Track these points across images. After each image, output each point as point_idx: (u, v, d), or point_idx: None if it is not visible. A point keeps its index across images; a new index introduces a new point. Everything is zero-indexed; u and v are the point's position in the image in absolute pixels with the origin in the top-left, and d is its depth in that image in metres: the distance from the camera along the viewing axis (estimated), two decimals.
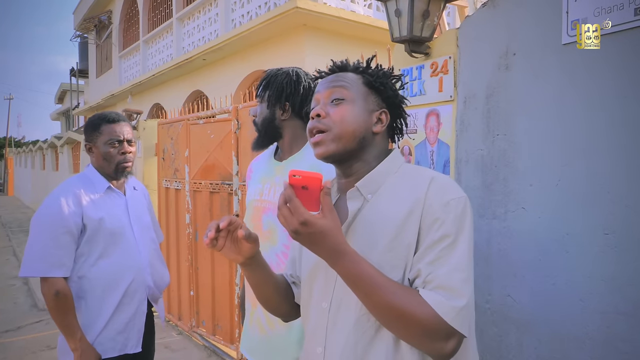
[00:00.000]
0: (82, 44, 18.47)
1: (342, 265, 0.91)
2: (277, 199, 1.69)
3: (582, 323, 1.37)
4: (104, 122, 1.98)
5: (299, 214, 0.88)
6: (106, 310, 1.90)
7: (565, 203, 1.42)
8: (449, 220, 0.93)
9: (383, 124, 1.10)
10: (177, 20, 10.69)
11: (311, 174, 0.89)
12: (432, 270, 0.90)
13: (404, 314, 0.87)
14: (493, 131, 1.65)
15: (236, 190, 3.65)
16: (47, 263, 1.80)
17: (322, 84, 1.13)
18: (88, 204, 1.91)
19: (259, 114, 1.74)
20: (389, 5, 1.85)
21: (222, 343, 4.01)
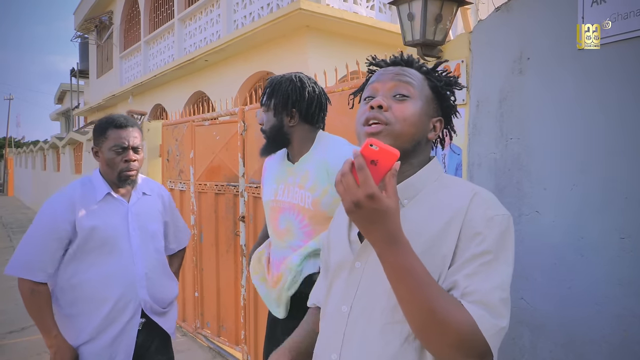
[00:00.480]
0: (83, 45, 18.48)
1: (394, 253, 0.83)
2: (291, 199, 1.73)
3: (598, 326, 1.38)
4: (111, 127, 1.91)
5: (368, 185, 0.80)
6: (93, 321, 1.85)
7: (581, 207, 1.43)
8: (491, 236, 0.89)
9: (436, 132, 1.06)
10: (179, 21, 10.70)
11: (389, 148, 0.82)
12: (470, 283, 0.86)
13: (444, 320, 0.82)
14: (506, 135, 1.66)
15: (242, 192, 3.66)
16: (29, 266, 1.81)
17: (383, 74, 1.06)
18: (82, 211, 1.86)
19: (265, 122, 1.77)
20: (402, 9, 1.85)
21: (227, 344, 4.02)
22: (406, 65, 1.08)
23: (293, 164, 1.78)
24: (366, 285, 0.99)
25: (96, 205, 1.90)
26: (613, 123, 1.37)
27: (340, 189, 0.83)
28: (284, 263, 1.72)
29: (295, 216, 1.72)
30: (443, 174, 1.05)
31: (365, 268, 1.00)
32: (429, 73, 1.07)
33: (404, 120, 0.98)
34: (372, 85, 1.05)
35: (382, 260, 0.85)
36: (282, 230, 1.76)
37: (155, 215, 2.10)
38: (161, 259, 2.08)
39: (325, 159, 1.69)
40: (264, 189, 1.91)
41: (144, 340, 2.00)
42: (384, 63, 1.11)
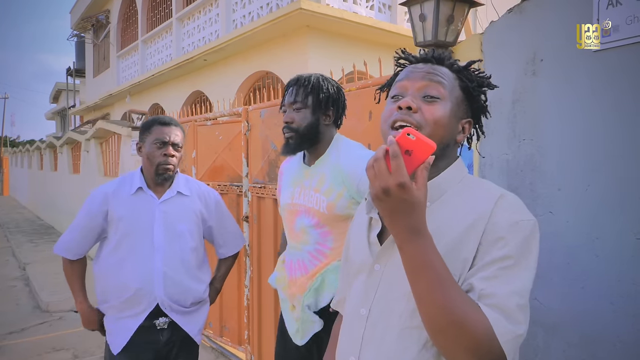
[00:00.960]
0: (79, 43, 18.39)
1: (416, 246, 0.81)
2: (307, 202, 1.73)
3: (613, 326, 1.39)
4: (156, 123, 2.03)
5: (400, 174, 0.78)
6: (115, 303, 2.00)
7: (595, 208, 1.44)
8: (514, 241, 0.87)
9: (465, 133, 1.02)
10: (177, 20, 10.67)
11: (427, 140, 0.80)
12: (487, 286, 0.83)
13: (460, 322, 0.79)
14: (519, 136, 1.66)
15: (246, 192, 3.66)
16: (68, 249, 2.09)
17: (413, 71, 1.01)
18: (114, 203, 2.02)
19: (300, 120, 1.72)
20: (413, 9, 1.86)
21: (229, 345, 4.01)
22: (437, 63, 1.03)
23: (309, 166, 1.79)
24: (385, 288, 0.97)
25: (128, 198, 2.03)
26: (627, 124, 1.38)
27: (370, 174, 0.81)
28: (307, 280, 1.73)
29: (310, 219, 1.72)
30: (467, 175, 1.03)
31: (384, 271, 0.99)
32: (460, 72, 1.03)
33: (434, 123, 0.95)
34: (400, 83, 1.01)
35: (403, 252, 0.83)
36: (298, 233, 1.77)
37: (188, 216, 2.10)
38: (186, 259, 2.06)
39: (339, 163, 1.69)
40: (281, 192, 1.91)
41: (168, 341, 2.03)
42: (413, 59, 1.07)
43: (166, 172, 2.02)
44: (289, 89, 1.77)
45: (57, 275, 6.79)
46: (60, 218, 11.07)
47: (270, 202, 3.40)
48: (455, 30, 1.82)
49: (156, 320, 1.99)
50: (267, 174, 3.43)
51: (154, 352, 2.01)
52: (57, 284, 6.28)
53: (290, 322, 1.83)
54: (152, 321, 1.99)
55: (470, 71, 1.04)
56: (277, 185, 3.23)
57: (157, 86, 11.68)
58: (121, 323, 1.99)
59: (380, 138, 2.31)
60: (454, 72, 1.02)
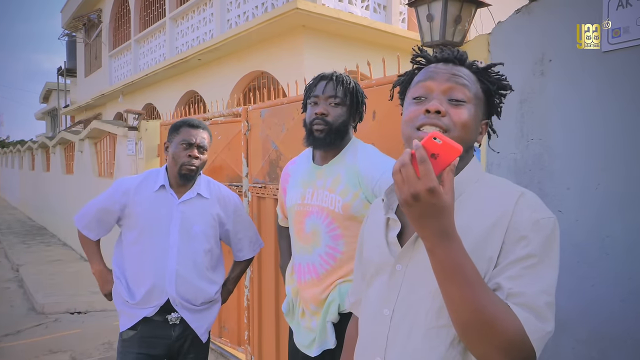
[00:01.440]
0: (70, 43, 18.25)
1: (446, 249, 0.81)
2: (320, 202, 1.73)
3: (623, 323, 1.41)
4: (185, 125, 2.11)
5: (429, 179, 0.77)
6: (124, 282, 2.09)
7: (605, 206, 1.46)
8: (537, 239, 0.88)
9: (482, 134, 1.04)
10: (170, 20, 10.63)
11: (453, 143, 0.80)
12: (515, 285, 0.85)
13: (492, 321, 0.80)
14: (527, 135, 1.68)
15: (246, 192, 3.65)
16: (86, 226, 2.18)
17: (437, 72, 1.00)
18: (135, 198, 2.08)
19: (335, 116, 1.72)
20: (420, 10, 1.87)
21: (229, 345, 4.01)
22: (459, 62, 1.02)
23: (321, 166, 1.78)
24: (408, 288, 0.98)
25: (149, 195, 2.08)
26: (636, 123, 1.40)
27: (398, 178, 0.80)
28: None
29: (323, 219, 1.71)
30: (484, 174, 1.04)
31: (406, 271, 0.99)
32: (481, 74, 1.03)
33: (461, 127, 0.96)
34: (424, 83, 1.01)
35: (433, 256, 0.83)
36: (309, 234, 1.75)
37: (205, 218, 2.13)
38: (199, 260, 2.10)
39: (356, 165, 1.70)
40: (288, 193, 1.89)
41: (180, 336, 2.08)
42: (434, 58, 1.05)
43: (189, 172, 2.07)
44: (323, 83, 1.75)
45: (52, 277, 6.74)
46: (53, 219, 10.97)
47: (270, 202, 3.39)
48: (462, 30, 1.83)
49: (168, 316, 2.05)
50: (267, 174, 3.42)
51: (166, 347, 2.06)
52: (53, 286, 6.24)
53: (304, 333, 1.82)
54: (165, 316, 2.04)
55: (490, 73, 1.04)
56: (278, 185, 3.25)
57: (151, 86, 11.63)
58: (131, 308, 2.06)
59: (383, 137, 2.32)
60: (474, 74, 1.02)
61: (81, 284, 6.29)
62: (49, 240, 10.16)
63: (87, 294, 5.81)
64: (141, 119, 5.26)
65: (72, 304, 5.54)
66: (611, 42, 1.42)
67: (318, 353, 1.75)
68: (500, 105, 1.07)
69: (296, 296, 1.87)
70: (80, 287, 6.12)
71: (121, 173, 6.01)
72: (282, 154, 3.20)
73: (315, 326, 1.76)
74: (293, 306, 1.90)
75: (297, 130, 2.97)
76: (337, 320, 1.72)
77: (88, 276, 6.50)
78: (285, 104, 3.17)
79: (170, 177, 2.12)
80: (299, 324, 1.86)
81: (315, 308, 1.77)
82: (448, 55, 1.03)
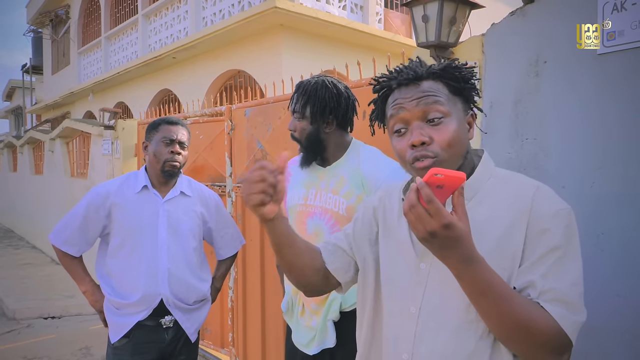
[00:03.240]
0: (36, 39, 17.66)
1: (473, 272, 0.84)
2: (324, 204, 1.72)
3: (621, 317, 1.45)
4: (163, 123, 2.08)
5: (442, 216, 0.79)
6: (114, 297, 2.02)
7: (601, 204, 1.50)
8: (559, 231, 0.90)
9: (472, 127, 1.04)
10: (143, 17, 10.42)
11: (454, 172, 0.81)
12: (547, 282, 0.88)
13: (529, 326, 0.84)
14: (522, 135, 1.71)
15: (230, 192, 3.61)
16: (65, 239, 2.06)
17: (404, 102, 0.99)
18: (117, 201, 2.02)
19: (300, 131, 1.73)
20: (415, 10, 1.89)
21: (212, 347, 3.96)
22: (417, 80, 1.00)
23: (324, 167, 1.77)
24: (434, 286, 0.99)
25: (132, 197, 2.04)
26: (631, 124, 1.44)
27: (411, 218, 0.82)
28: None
29: (326, 221, 1.71)
30: (496, 169, 1.05)
31: (431, 270, 1.00)
32: (443, 77, 1.01)
33: (449, 146, 0.96)
34: (397, 117, 1.00)
35: (461, 280, 0.86)
36: (311, 235, 1.74)
37: (190, 216, 2.12)
38: (189, 258, 2.09)
39: (360, 168, 1.69)
40: (289, 193, 1.87)
41: (173, 339, 2.06)
42: (395, 84, 1.03)
43: (172, 169, 2.05)
44: (293, 96, 1.76)
45: (22, 281, 6.52)
46: (21, 221, 10.62)
47: None
48: (456, 32, 1.86)
49: (162, 319, 2.02)
50: None
51: (159, 351, 2.03)
52: (24, 290, 6.04)
53: (303, 331, 1.81)
54: (158, 320, 2.01)
55: (449, 70, 1.02)
56: None
57: (123, 84, 11.39)
58: (121, 317, 2.01)
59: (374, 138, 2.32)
60: (438, 79, 1.01)
61: (54, 287, 6.11)
62: (17, 243, 9.82)
63: (62, 298, 5.64)
64: (117, 117, 5.14)
65: (46, 309, 5.36)
66: (606, 45, 1.46)
67: (317, 351, 1.75)
68: (473, 97, 1.06)
69: (296, 294, 1.87)
70: (54, 291, 5.94)
71: (96, 173, 5.86)
72: (268, 153, 3.18)
73: (315, 324, 1.76)
74: (292, 304, 1.89)
75: (283, 129, 2.95)
76: (337, 318, 1.72)
77: (61, 280, 6.32)
78: (272, 103, 3.14)
79: (151, 177, 2.09)
80: (299, 323, 1.85)
81: (315, 307, 1.76)
82: (406, 77, 1.01)
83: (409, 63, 1.06)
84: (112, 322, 2.03)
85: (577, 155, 1.57)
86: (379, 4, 8.55)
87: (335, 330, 1.72)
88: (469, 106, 1.06)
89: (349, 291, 1.67)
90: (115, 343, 2.01)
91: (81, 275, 2.10)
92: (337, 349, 1.72)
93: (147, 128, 2.12)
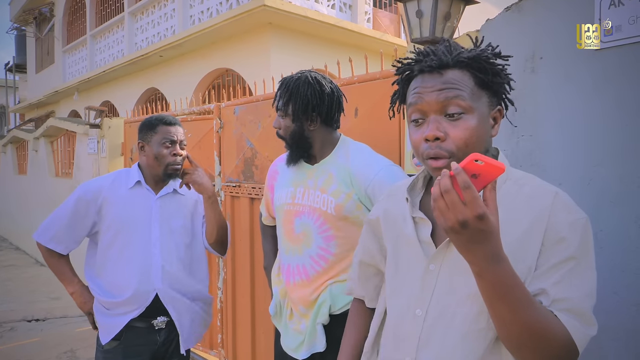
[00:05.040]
0: (20, 37, 17.38)
1: (496, 272, 0.78)
2: (312, 202, 1.68)
3: (617, 314, 1.44)
4: (161, 123, 2.02)
5: (478, 205, 0.73)
6: (104, 297, 1.97)
7: (598, 201, 1.48)
8: (576, 241, 0.88)
9: (498, 122, 1.00)
10: (129, 15, 10.30)
11: (494, 162, 0.76)
12: (560, 291, 0.85)
13: (543, 336, 0.82)
14: (518, 132, 1.69)
15: (218, 191, 3.56)
16: (53, 239, 2.01)
17: (424, 91, 0.94)
18: (109, 198, 2.00)
19: (284, 129, 1.70)
20: (409, 5, 1.86)
21: (200, 349, 3.90)
22: (441, 68, 0.94)
23: (312, 165, 1.73)
24: (443, 289, 0.96)
25: (124, 193, 2.02)
26: (628, 120, 1.43)
27: (441, 205, 0.75)
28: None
29: (314, 220, 1.66)
30: (511, 170, 1.02)
31: (440, 272, 0.97)
32: (470, 66, 0.94)
33: (465, 145, 0.92)
34: (415, 106, 0.96)
35: (481, 279, 0.80)
36: (299, 235, 1.70)
37: (183, 213, 2.10)
38: (182, 255, 2.06)
39: (348, 166, 1.65)
40: (276, 192, 1.84)
41: (165, 340, 2.02)
42: (417, 70, 0.97)
43: (175, 172, 2.02)
44: (277, 93, 1.72)
45: (5, 283, 6.39)
46: (4, 222, 10.44)
47: (245, 202, 3.32)
48: (451, 27, 1.84)
49: (154, 321, 1.97)
50: (242, 173, 3.34)
51: (151, 353, 1.99)
52: (7, 292, 5.91)
53: (292, 335, 1.77)
54: (150, 322, 1.97)
55: (480, 59, 0.96)
56: (253, 184, 3.19)
57: (108, 83, 11.25)
58: (112, 318, 1.96)
59: (366, 134, 2.29)
60: (464, 69, 0.95)
61: (38, 289, 5.99)
62: (0, 245, 9.64)
63: (46, 300, 5.54)
64: (103, 116, 5.05)
65: (29, 311, 5.26)
66: (603, 40, 1.44)
67: (306, 356, 1.70)
68: (505, 92, 1.01)
69: (284, 297, 1.82)
70: (38, 293, 5.83)
71: (81, 173, 5.76)
72: (258, 152, 3.14)
73: (304, 328, 1.72)
74: (280, 308, 1.85)
75: (273, 128, 2.91)
76: (327, 322, 1.68)
77: (46, 281, 6.20)
78: (261, 101, 3.10)
79: (146, 175, 2.06)
80: (287, 326, 1.81)
81: (304, 310, 1.72)
82: (429, 65, 0.95)
83: (437, 46, 1.00)
84: (103, 323, 1.98)
85: (574, 152, 1.55)
86: (368, 3, 8.54)
87: (325, 333, 1.68)
88: (498, 100, 1.00)
89: (339, 294, 1.65)
90: (106, 346, 1.96)
91: (68, 276, 2.05)
92: (327, 353, 1.68)
93: (140, 127, 2.07)
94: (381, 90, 2.20)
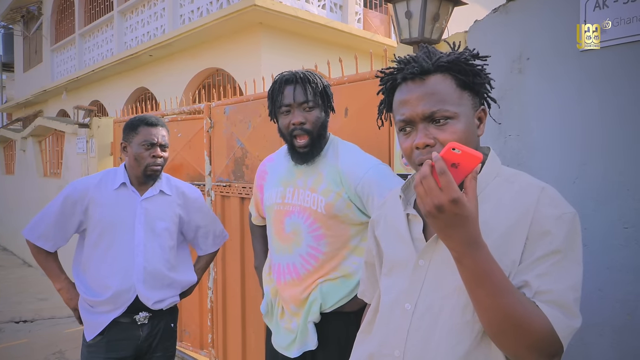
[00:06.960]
0: (7, 35, 17.20)
1: (475, 258, 0.81)
2: (302, 202, 1.68)
3: (601, 311, 1.46)
4: (142, 124, 2.02)
5: (452, 189, 0.77)
6: (88, 295, 1.99)
7: (583, 200, 1.51)
8: (561, 235, 0.89)
9: (483, 122, 1.01)
10: (119, 14, 10.22)
11: (472, 151, 0.79)
12: (543, 283, 0.86)
13: (522, 323, 0.82)
14: (505, 132, 1.72)
15: (209, 191, 3.56)
16: (42, 237, 2.02)
17: (409, 99, 0.96)
18: (95, 198, 2.00)
19: (313, 120, 1.65)
20: (398, 7, 1.88)
21: (190, 349, 3.89)
22: (426, 73, 0.96)
23: (300, 165, 1.73)
24: (431, 283, 0.98)
25: (110, 193, 2.02)
26: (612, 120, 1.46)
27: (420, 191, 0.81)
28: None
29: (304, 219, 1.67)
30: (502, 168, 1.03)
31: (429, 267, 0.99)
32: (451, 69, 0.96)
33: None
34: (403, 115, 0.97)
35: (460, 265, 0.84)
36: (289, 234, 1.71)
37: (168, 215, 2.10)
38: (166, 257, 2.07)
39: (338, 165, 1.67)
40: (266, 192, 1.84)
41: (148, 335, 2.04)
42: (400, 77, 0.99)
43: (154, 173, 2.03)
44: (290, 88, 1.65)
45: None
46: None
47: (235, 201, 3.32)
48: (439, 28, 1.86)
49: (136, 316, 1.99)
50: (232, 172, 3.34)
51: (134, 348, 2.01)
52: None
53: (283, 334, 1.78)
54: (132, 317, 1.99)
55: (458, 63, 0.98)
56: (243, 183, 3.19)
57: (97, 82, 11.15)
58: (96, 315, 1.98)
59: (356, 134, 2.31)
60: (445, 73, 0.97)
61: (26, 290, 5.93)
62: None
63: (34, 301, 5.48)
64: (92, 115, 5.02)
65: (17, 312, 5.21)
66: (587, 42, 1.47)
67: (298, 354, 1.71)
68: (486, 92, 1.04)
69: (275, 296, 1.83)
70: (26, 294, 5.77)
71: (70, 173, 5.71)
72: (249, 151, 3.14)
73: (295, 327, 1.73)
74: (272, 306, 1.86)
75: (263, 127, 2.92)
76: (318, 320, 1.69)
77: (34, 282, 6.15)
78: (252, 101, 3.10)
79: (130, 176, 2.07)
80: (279, 325, 1.82)
81: (295, 309, 1.73)
82: (411, 72, 0.97)
83: (417, 53, 1.02)
84: (87, 320, 2.00)
85: (559, 152, 1.58)
86: (358, 4, 8.56)
87: (317, 332, 1.69)
88: (481, 100, 1.03)
89: (330, 292, 1.66)
90: (90, 341, 1.98)
91: (56, 272, 2.07)
92: (319, 351, 1.69)
93: (124, 127, 2.08)
94: (371, 91, 2.22)
